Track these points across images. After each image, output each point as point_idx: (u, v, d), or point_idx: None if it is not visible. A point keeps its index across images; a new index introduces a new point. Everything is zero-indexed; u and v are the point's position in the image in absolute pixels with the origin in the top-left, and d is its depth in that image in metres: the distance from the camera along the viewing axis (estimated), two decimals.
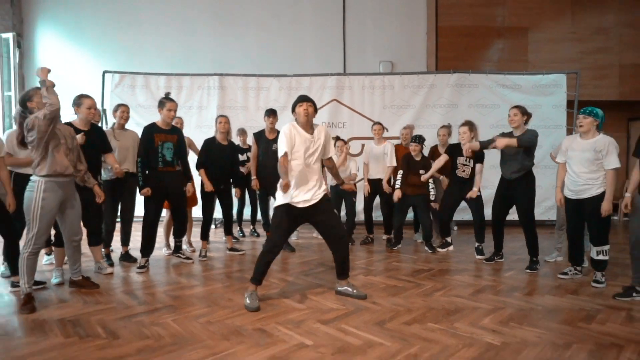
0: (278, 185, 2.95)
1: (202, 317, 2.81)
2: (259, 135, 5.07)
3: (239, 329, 2.60)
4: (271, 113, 5.05)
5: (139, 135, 4.14)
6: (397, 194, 4.92)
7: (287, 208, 3.06)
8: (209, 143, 4.63)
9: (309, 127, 3.12)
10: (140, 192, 3.96)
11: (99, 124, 4.45)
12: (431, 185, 4.92)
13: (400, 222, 5.08)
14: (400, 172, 4.98)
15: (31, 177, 3.06)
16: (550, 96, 6.67)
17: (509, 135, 4.04)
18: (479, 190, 4.59)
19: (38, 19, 8.20)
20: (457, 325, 2.66)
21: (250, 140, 5.56)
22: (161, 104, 4.03)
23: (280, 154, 3.00)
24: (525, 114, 4.01)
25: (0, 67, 7.47)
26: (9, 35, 7.50)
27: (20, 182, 3.41)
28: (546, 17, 7.69)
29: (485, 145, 4.04)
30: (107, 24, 8.09)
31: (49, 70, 2.93)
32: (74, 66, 8.05)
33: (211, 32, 7.99)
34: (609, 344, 2.39)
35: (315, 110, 3.16)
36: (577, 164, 3.50)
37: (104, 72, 7.02)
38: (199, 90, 7.08)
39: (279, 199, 3.08)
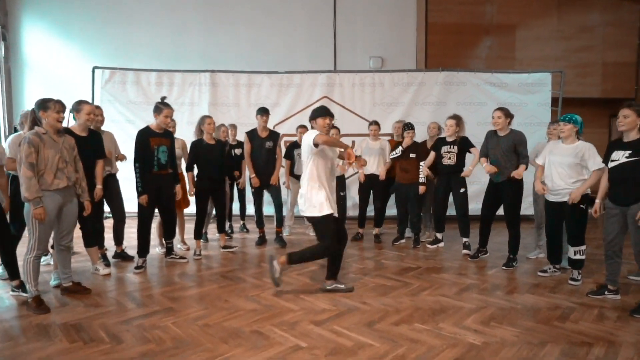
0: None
1: (200, 319, 2.94)
2: (252, 134, 5.16)
3: (237, 332, 2.74)
4: (264, 112, 5.12)
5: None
6: (422, 189, 4.94)
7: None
8: (197, 145, 4.57)
9: None
10: (138, 198, 3.99)
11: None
12: (421, 168, 4.95)
13: (402, 215, 5.23)
14: (422, 165, 4.94)
15: None
16: (535, 94, 6.84)
17: (494, 134, 4.24)
18: (465, 186, 4.78)
19: (24, 11, 8.04)
20: (442, 326, 2.84)
21: (239, 136, 5.68)
22: (158, 110, 4.03)
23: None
24: (509, 116, 4.18)
25: None
26: None
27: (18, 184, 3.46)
28: (533, 15, 7.84)
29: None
30: (95, 18, 7.96)
31: None
32: (61, 61, 7.95)
33: (202, 28, 7.94)
34: (580, 342, 2.60)
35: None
36: (558, 167, 3.67)
37: (94, 68, 6.96)
38: (190, 87, 7.09)
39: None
